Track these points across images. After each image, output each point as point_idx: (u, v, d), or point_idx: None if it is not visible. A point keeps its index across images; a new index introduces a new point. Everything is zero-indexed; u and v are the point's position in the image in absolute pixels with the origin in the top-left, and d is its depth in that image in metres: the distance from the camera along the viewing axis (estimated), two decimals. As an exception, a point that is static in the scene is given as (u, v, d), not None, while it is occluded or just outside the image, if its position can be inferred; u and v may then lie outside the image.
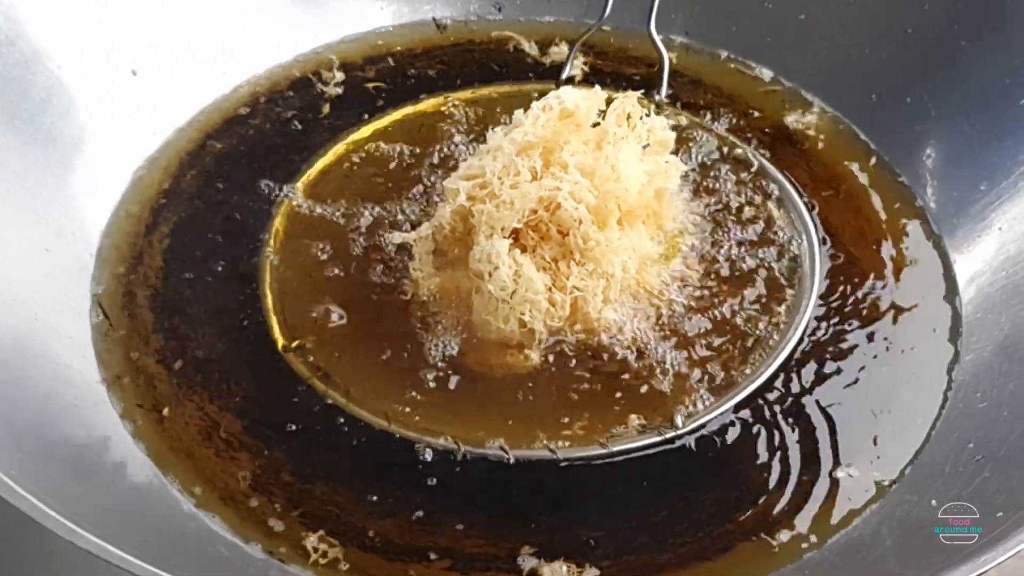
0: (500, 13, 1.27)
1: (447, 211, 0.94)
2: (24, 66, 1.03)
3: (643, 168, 0.95)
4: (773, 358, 0.95)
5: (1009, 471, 0.85)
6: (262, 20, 1.20)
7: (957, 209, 1.06)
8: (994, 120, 1.07)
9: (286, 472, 0.89)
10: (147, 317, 0.99)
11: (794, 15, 1.20)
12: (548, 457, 0.88)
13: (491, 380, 0.93)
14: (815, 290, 0.99)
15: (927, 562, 0.78)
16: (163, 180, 1.09)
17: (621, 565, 0.85)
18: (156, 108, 1.13)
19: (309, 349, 0.95)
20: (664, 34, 1.18)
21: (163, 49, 1.14)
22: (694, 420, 0.91)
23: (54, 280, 0.98)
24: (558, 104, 0.95)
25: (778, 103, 1.18)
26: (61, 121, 1.05)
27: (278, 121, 1.15)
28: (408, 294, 0.97)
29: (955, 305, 1.01)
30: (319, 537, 0.86)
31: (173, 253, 1.03)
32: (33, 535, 0.92)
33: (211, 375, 0.95)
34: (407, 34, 1.26)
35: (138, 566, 0.70)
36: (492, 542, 0.86)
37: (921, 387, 0.96)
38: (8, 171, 0.99)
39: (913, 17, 1.13)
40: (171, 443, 0.91)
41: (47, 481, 0.78)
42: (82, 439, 0.89)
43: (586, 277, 0.92)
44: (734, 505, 0.88)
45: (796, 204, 1.06)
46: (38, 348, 0.93)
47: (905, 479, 0.90)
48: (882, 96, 1.15)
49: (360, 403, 0.91)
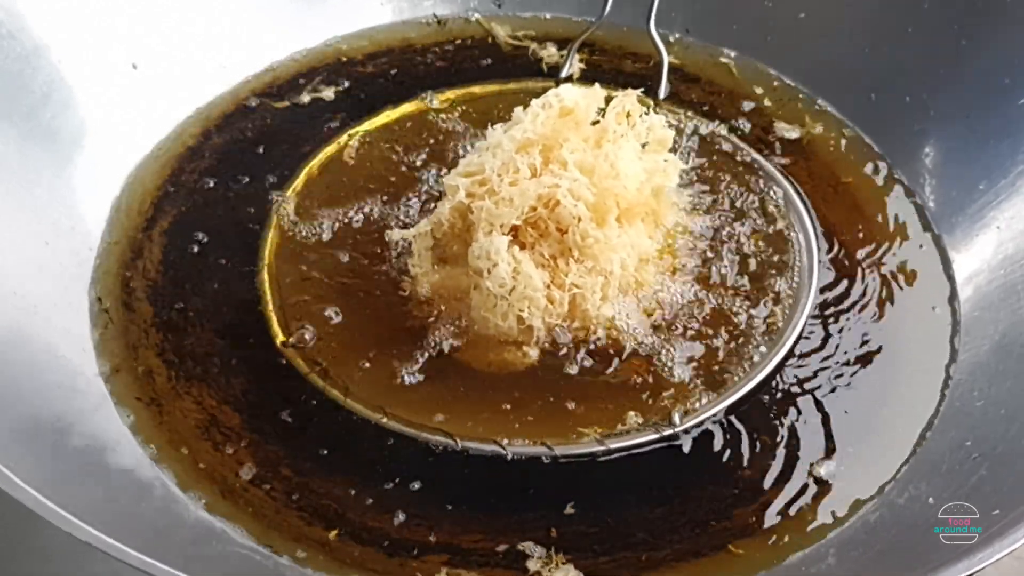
0: (501, 9, 1.27)
1: (446, 208, 0.94)
2: (24, 60, 1.03)
3: (642, 166, 0.95)
4: (771, 356, 0.95)
5: (1006, 469, 0.86)
6: (262, 16, 1.20)
7: (956, 208, 1.07)
8: (993, 120, 1.07)
9: (284, 466, 0.90)
10: (146, 311, 0.99)
11: (794, 14, 1.20)
12: (545, 453, 0.88)
13: (489, 376, 0.93)
14: (813, 288, 0.99)
15: (924, 560, 0.78)
16: (163, 175, 1.09)
17: (618, 561, 0.85)
18: (156, 103, 1.13)
19: (307, 344, 0.95)
20: (664, 32, 1.19)
21: (163, 45, 1.14)
22: (692, 418, 0.91)
23: (53, 274, 0.98)
24: (558, 102, 0.95)
25: (777, 101, 1.18)
26: (61, 115, 1.05)
27: (278, 117, 1.15)
28: (407, 290, 0.97)
29: (953, 304, 1.01)
30: (317, 530, 0.86)
31: (172, 248, 1.04)
32: (30, 528, 0.92)
33: (210, 369, 0.95)
34: (407, 30, 1.26)
35: (135, 557, 0.70)
36: (489, 537, 0.86)
37: (918, 385, 0.96)
38: (8, 165, 0.99)
39: (913, 16, 1.14)
40: (170, 436, 0.91)
41: (45, 473, 0.78)
42: (81, 432, 0.89)
43: (584, 274, 0.92)
44: (731, 502, 0.89)
45: (794, 202, 1.06)
46: (37, 341, 0.93)
47: (902, 477, 0.90)
48: (881, 95, 1.15)
49: (358, 398, 0.91)
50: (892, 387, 0.96)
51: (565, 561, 0.84)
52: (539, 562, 0.84)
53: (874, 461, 0.91)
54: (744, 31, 1.23)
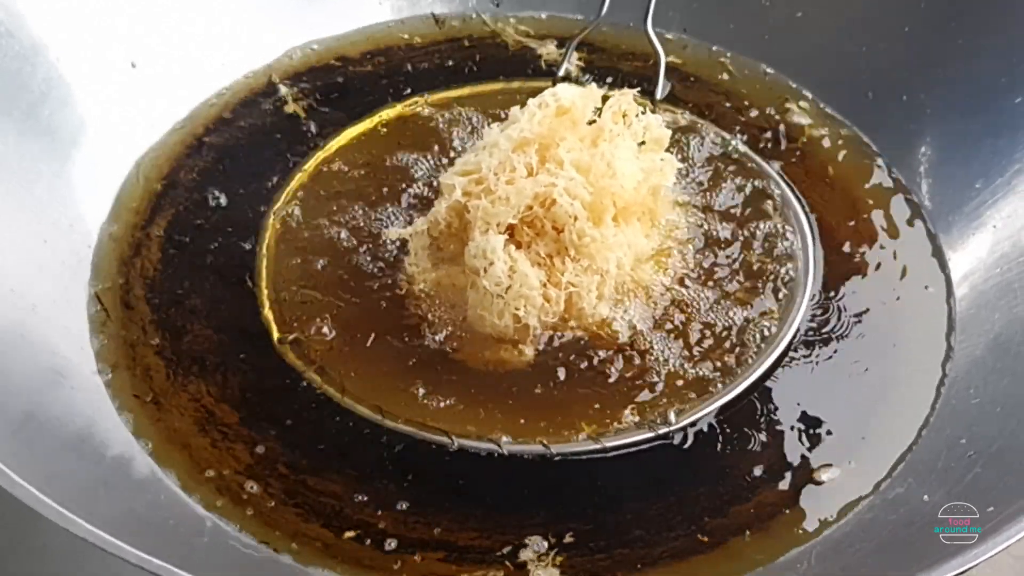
0: (499, 8, 1.27)
1: (443, 207, 0.94)
2: (23, 58, 1.04)
3: (639, 165, 0.95)
4: (767, 355, 0.95)
5: (1002, 466, 0.86)
6: (261, 15, 1.21)
7: (952, 207, 1.07)
8: (990, 118, 1.08)
9: (281, 463, 0.90)
10: (144, 309, 0.99)
11: (791, 13, 1.20)
12: (541, 451, 0.88)
13: (485, 375, 0.93)
14: (809, 287, 1.00)
15: (919, 557, 0.78)
16: (161, 173, 1.10)
17: (615, 558, 0.85)
18: (155, 102, 1.13)
19: (304, 342, 0.95)
20: (662, 31, 1.19)
21: (162, 43, 1.15)
22: (687, 416, 0.91)
23: (52, 272, 0.98)
24: (554, 101, 0.95)
25: (774, 101, 1.18)
26: (60, 114, 1.06)
27: (276, 116, 1.16)
28: (403, 289, 0.97)
29: (949, 302, 1.01)
30: (314, 527, 0.86)
31: (171, 246, 1.04)
32: (29, 526, 0.93)
33: (208, 367, 0.96)
34: (406, 29, 1.26)
35: (132, 554, 0.70)
36: (485, 534, 0.86)
37: (914, 383, 0.96)
38: (6, 163, 0.99)
39: (910, 15, 1.14)
40: (168, 433, 0.91)
41: (43, 470, 0.78)
42: (79, 430, 0.89)
43: (581, 273, 0.92)
44: (727, 499, 0.89)
45: (790, 201, 1.06)
46: (36, 339, 0.93)
47: (897, 474, 0.90)
48: (878, 94, 1.15)
49: (354, 396, 0.91)
50: (888, 385, 0.96)
51: (561, 558, 0.84)
52: (534, 560, 0.84)
53: (870, 459, 0.91)
54: (741, 30, 1.23)
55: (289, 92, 1.18)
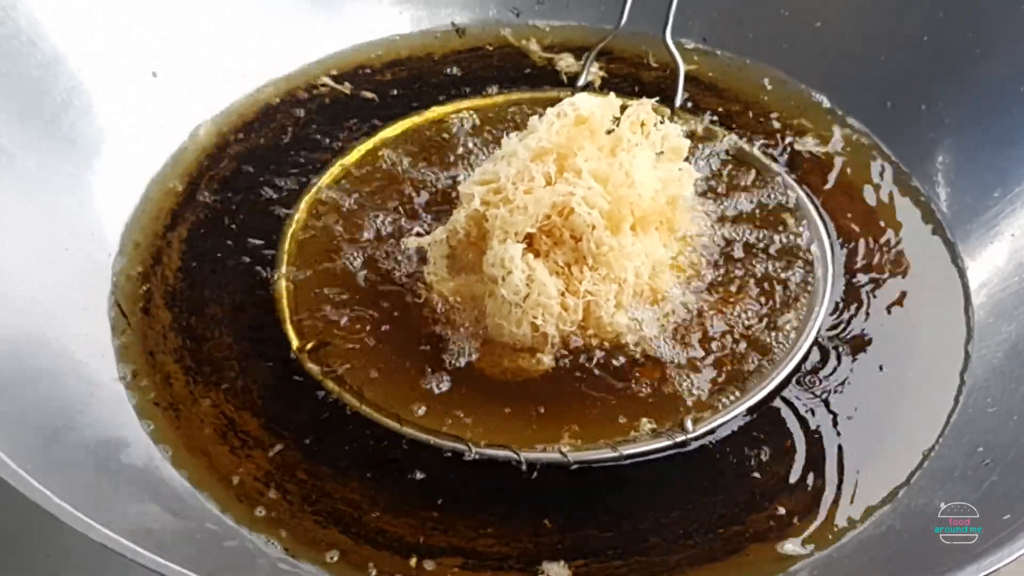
0: (519, 18, 1.28)
1: (462, 216, 0.94)
2: (45, 67, 1.05)
3: (657, 175, 0.95)
4: (784, 363, 0.95)
5: (1018, 475, 0.85)
6: (281, 24, 1.21)
7: (970, 215, 1.07)
8: (1008, 127, 1.08)
9: (300, 470, 0.90)
10: (164, 316, 1.00)
11: (810, 22, 1.21)
12: (559, 460, 0.89)
13: (503, 383, 0.94)
14: (827, 295, 1.00)
15: (933, 564, 0.78)
16: (182, 181, 1.10)
17: (631, 566, 0.85)
18: (175, 110, 1.14)
19: (323, 351, 0.95)
20: (681, 40, 1.19)
21: (183, 52, 1.15)
22: (704, 424, 0.91)
23: (73, 279, 0.99)
24: (573, 110, 0.95)
25: (793, 110, 1.18)
26: (81, 122, 1.06)
27: (296, 124, 1.16)
28: (422, 297, 0.98)
29: (967, 310, 1.01)
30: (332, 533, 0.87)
31: (191, 253, 1.04)
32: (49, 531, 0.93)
33: (227, 374, 0.96)
34: (426, 39, 1.26)
35: (152, 560, 0.70)
36: (504, 542, 0.86)
37: (932, 391, 0.96)
38: (28, 171, 1.00)
39: (929, 25, 1.14)
40: (187, 440, 0.92)
41: (64, 476, 0.78)
42: (99, 436, 0.90)
43: (599, 282, 0.92)
44: (744, 507, 0.89)
45: (809, 210, 1.06)
46: (56, 346, 0.94)
47: (914, 482, 0.90)
48: (897, 103, 1.15)
49: (372, 404, 0.92)
50: (906, 393, 0.96)
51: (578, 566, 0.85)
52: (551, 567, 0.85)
53: (887, 466, 0.91)
54: (760, 40, 1.23)
55: (308, 103, 1.18)
